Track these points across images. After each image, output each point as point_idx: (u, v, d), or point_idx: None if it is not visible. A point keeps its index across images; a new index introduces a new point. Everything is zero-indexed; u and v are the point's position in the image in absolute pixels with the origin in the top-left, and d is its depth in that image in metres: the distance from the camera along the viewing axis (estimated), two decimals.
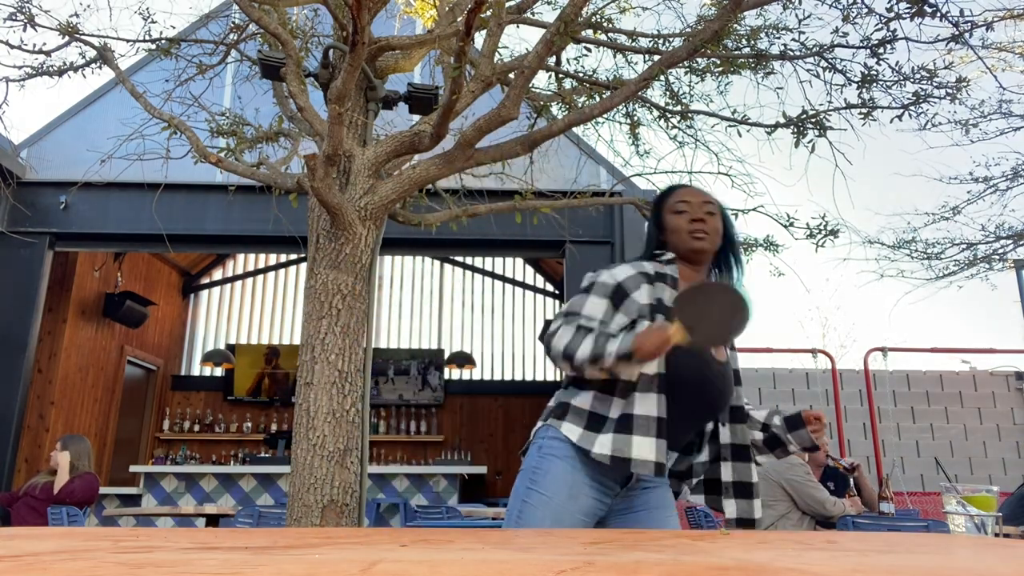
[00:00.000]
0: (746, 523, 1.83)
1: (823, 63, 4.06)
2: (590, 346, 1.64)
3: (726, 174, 5.24)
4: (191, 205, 6.92)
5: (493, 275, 10.94)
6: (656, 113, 5.00)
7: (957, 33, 3.43)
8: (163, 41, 4.52)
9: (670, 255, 1.91)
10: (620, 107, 4.77)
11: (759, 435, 1.93)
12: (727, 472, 1.84)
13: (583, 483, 1.73)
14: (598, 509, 1.77)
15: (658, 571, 0.60)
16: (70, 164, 6.85)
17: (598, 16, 4.49)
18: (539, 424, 1.85)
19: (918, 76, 3.78)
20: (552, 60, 4.47)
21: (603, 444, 1.70)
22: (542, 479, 1.74)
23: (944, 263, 8.62)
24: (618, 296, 1.79)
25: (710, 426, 1.90)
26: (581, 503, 1.72)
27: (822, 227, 4.46)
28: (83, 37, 4.17)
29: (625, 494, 1.82)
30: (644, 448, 1.67)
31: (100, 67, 4.38)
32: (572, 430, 1.74)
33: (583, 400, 1.78)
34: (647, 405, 1.70)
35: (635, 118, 5.11)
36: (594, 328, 1.70)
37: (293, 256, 10.47)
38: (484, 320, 10.75)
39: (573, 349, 1.66)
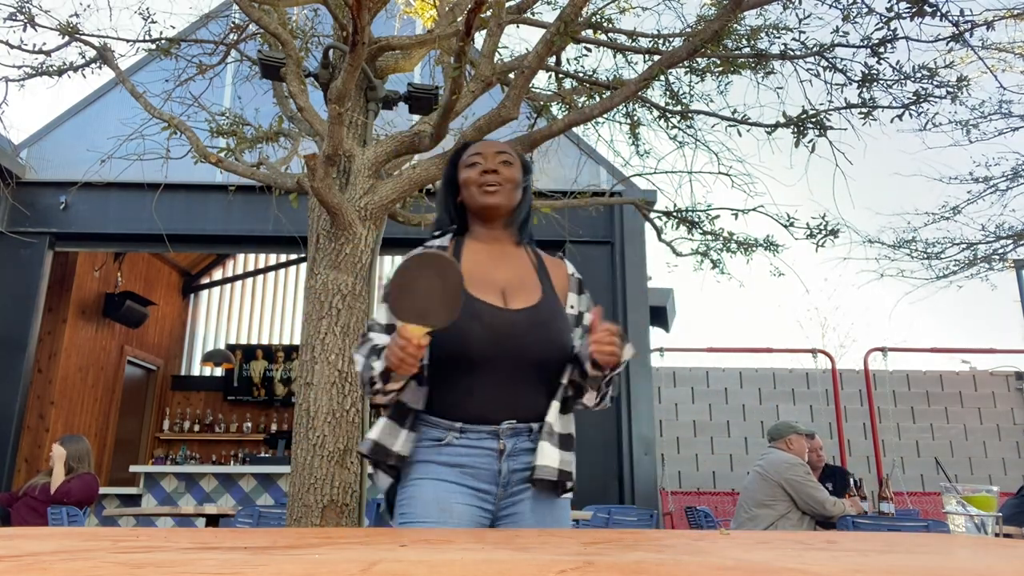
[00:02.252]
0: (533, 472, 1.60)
1: (823, 63, 4.06)
2: (362, 373, 1.59)
3: (726, 174, 5.24)
4: (191, 205, 6.92)
5: None
6: (656, 113, 5.00)
7: (957, 33, 3.43)
8: (163, 41, 4.52)
9: (451, 228, 1.82)
10: (620, 107, 4.77)
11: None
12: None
13: (450, 492, 1.58)
14: (480, 516, 1.61)
15: (658, 571, 0.60)
16: (70, 164, 6.85)
17: (598, 16, 4.49)
18: None
19: (918, 75, 3.78)
20: (552, 60, 4.47)
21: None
22: (408, 504, 1.60)
23: (944, 263, 8.62)
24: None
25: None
26: (458, 514, 1.57)
27: (822, 227, 4.46)
28: (83, 37, 4.17)
29: (505, 495, 1.62)
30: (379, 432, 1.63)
31: (100, 67, 4.37)
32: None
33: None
34: (404, 393, 1.62)
35: (635, 118, 5.12)
36: (379, 342, 1.62)
37: (293, 256, 10.46)
38: None
39: (363, 378, 1.60)
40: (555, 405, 1.65)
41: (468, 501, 1.59)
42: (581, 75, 4.67)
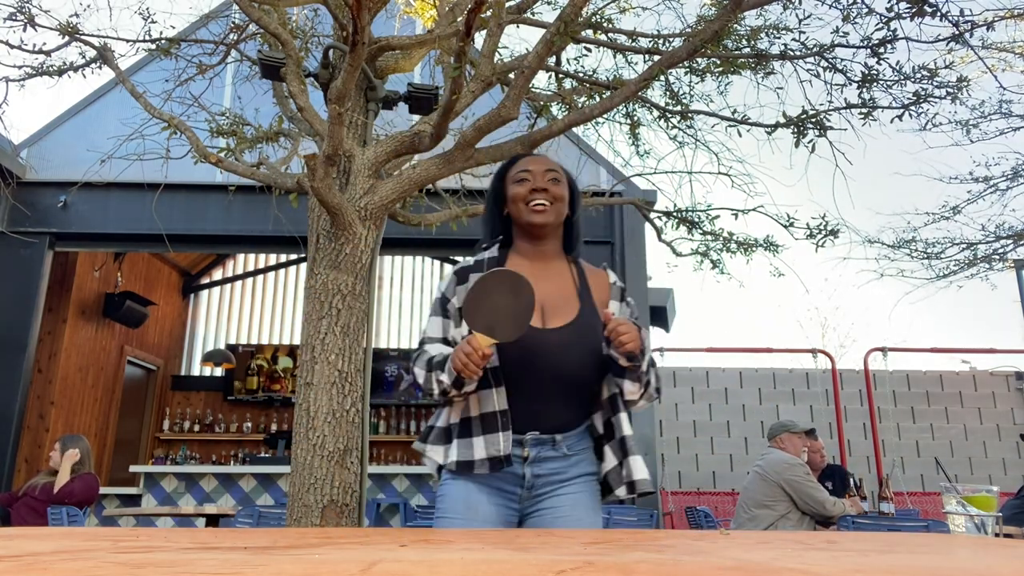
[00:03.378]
0: (631, 486, 1.72)
1: (823, 63, 4.05)
2: (428, 383, 1.67)
3: (726, 174, 5.24)
4: (191, 205, 6.92)
5: None
6: (656, 113, 5.00)
7: (957, 33, 3.43)
8: (163, 41, 4.52)
9: (498, 240, 1.86)
10: (620, 107, 4.77)
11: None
12: (599, 424, 1.78)
13: (479, 492, 1.71)
14: (506, 517, 1.73)
15: (658, 571, 0.60)
16: (70, 164, 6.85)
17: (598, 16, 4.49)
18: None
19: (918, 76, 3.78)
20: (552, 60, 4.47)
21: (450, 453, 1.72)
22: (441, 502, 1.76)
23: (944, 263, 8.62)
24: (444, 308, 1.79)
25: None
26: (482, 513, 1.70)
27: (822, 227, 4.46)
28: (83, 37, 4.16)
29: (529, 496, 1.73)
30: (478, 448, 1.67)
31: (100, 67, 4.37)
32: (436, 451, 1.76)
33: (442, 418, 1.78)
34: (481, 403, 1.69)
35: (635, 118, 5.12)
36: (435, 354, 1.70)
37: (293, 256, 10.47)
38: None
39: (426, 387, 1.69)
40: (623, 417, 1.75)
41: (494, 500, 1.71)
42: (581, 75, 4.67)
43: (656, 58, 3.94)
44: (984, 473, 8.22)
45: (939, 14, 3.31)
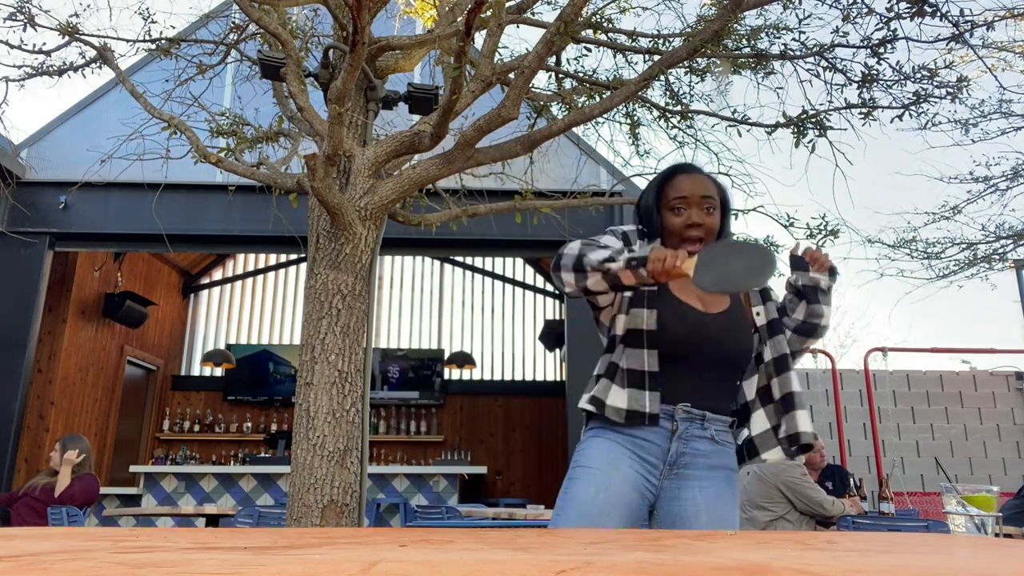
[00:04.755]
0: (794, 439, 1.78)
1: (823, 63, 4.05)
2: (605, 252, 1.71)
3: (726, 174, 5.24)
4: (191, 205, 6.92)
5: (493, 275, 10.95)
6: (656, 113, 5.00)
7: (957, 33, 3.44)
8: (163, 41, 4.52)
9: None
10: (620, 107, 4.77)
11: (795, 316, 1.92)
12: (748, 392, 1.87)
13: (621, 454, 1.76)
14: (643, 485, 1.76)
15: (658, 571, 0.60)
16: (70, 164, 6.85)
17: (598, 16, 4.49)
18: None
19: (918, 76, 3.78)
20: (552, 60, 4.47)
21: (585, 397, 1.83)
22: (581, 454, 1.81)
23: (944, 263, 8.62)
24: (626, 242, 1.88)
25: (751, 393, 1.85)
26: (624, 472, 1.74)
27: (822, 227, 4.46)
28: (83, 37, 4.16)
29: (670, 474, 1.77)
30: (617, 396, 1.76)
31: (100, 67, 4.37)
32: (583, 399, 1.84)
33: (597, 368, 1.88)
34: (632, 359, 1.77)
35: (635, 118, 5.11)
36: (610, 243, 1.81)
37: (293, 256, 10.47)
38: (484, 320, 10.76)
39: (585, 252, 1.73)
40: (792, 376, 1.83)
41: (634, 466, 1.76)
42: (581, 75, 4.67)
43: (656, 58, 3.94)
44: (984, 473, 8.21)
45: (939, 14, 3.32)
